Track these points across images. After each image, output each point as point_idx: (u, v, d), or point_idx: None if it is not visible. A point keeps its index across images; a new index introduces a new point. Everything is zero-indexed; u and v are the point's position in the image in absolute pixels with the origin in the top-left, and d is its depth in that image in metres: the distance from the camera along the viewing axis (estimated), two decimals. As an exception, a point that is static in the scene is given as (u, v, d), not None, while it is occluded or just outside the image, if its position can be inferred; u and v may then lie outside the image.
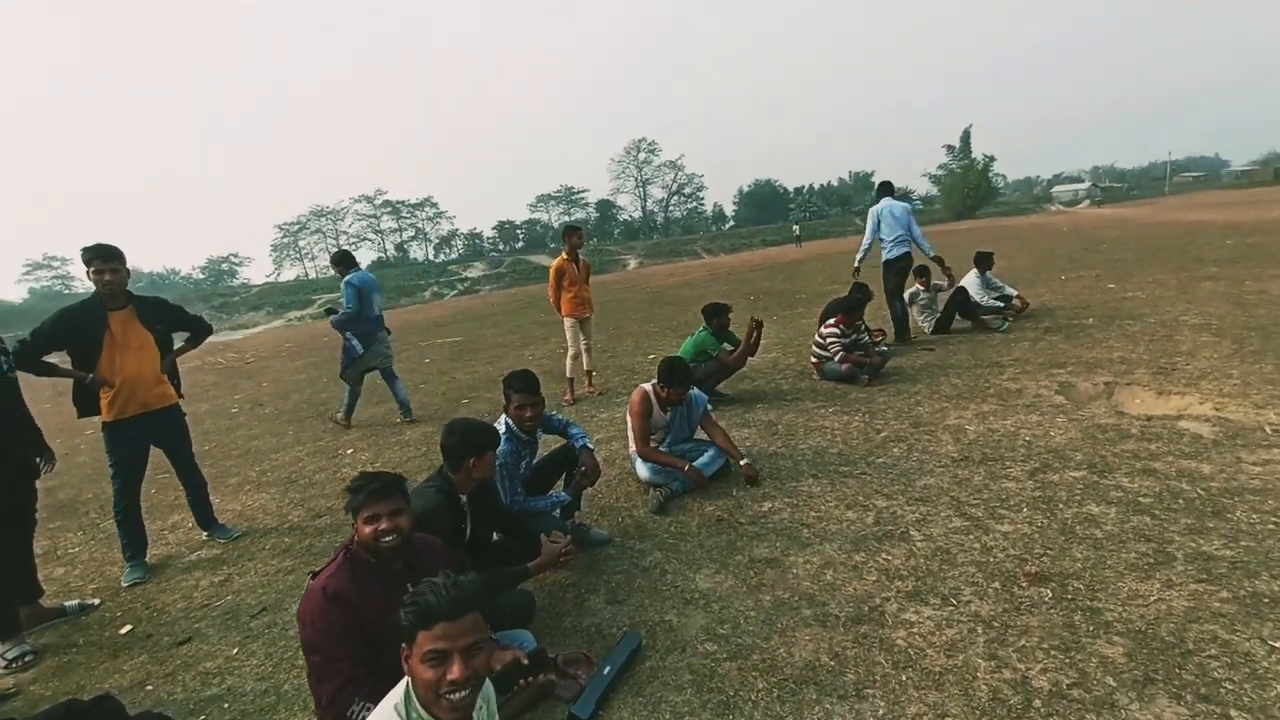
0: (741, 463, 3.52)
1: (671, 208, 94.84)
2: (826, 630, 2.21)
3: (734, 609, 2.40)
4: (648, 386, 3.56)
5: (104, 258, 3.20)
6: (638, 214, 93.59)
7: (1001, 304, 7.21)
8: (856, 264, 6.99)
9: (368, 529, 1.72)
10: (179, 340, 3.76)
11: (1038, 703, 1.77)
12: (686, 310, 12.15)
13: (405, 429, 6.01)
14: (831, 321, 5.50)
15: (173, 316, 3.66)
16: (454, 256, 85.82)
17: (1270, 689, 1.72)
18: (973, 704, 1.80)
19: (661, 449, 3.63)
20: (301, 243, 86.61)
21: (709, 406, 3.83)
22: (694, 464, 3.48)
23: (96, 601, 3.16)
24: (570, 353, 6.24)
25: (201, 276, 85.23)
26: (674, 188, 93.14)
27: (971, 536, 2.69)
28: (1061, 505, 2.86)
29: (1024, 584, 2.32)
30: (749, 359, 5.15)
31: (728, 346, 5.29)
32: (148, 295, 3.56)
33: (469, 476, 2.24)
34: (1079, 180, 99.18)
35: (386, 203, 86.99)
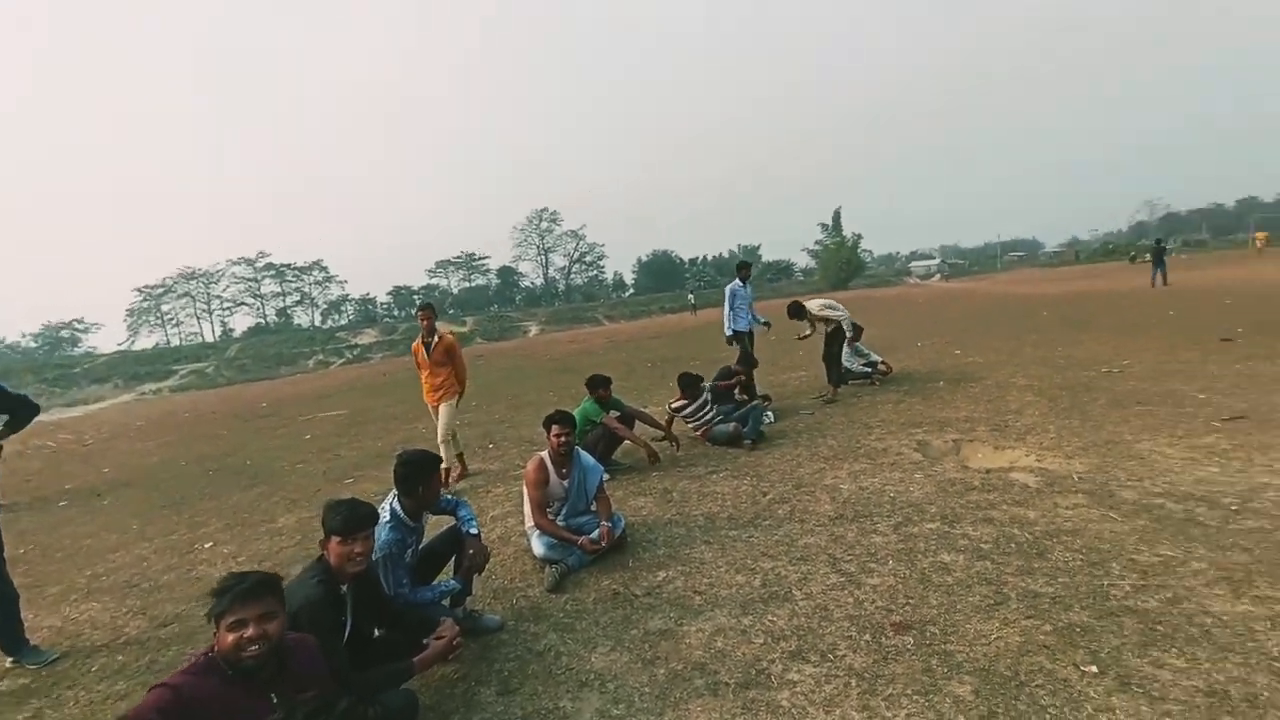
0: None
1: (573, 275, 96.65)
2: (717, 699, 2.27)
3: (628, 686, 2.40)
4: (543, 454, 3.58)
5: None
6: (540, 281, 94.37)
7: (869, 369, 7.99)
8: (728, 334, 7.59)
9: (230, 637, 1.59)
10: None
11: (902, 748, 1.92)
12: (581, 378, 12.27)
13: (278, 515, 5.49)
14: (683, 398, 5.92)
15: None
16: (344, 322, 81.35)
17: (1083, 709, 1.99)
18: (847, 757, 1.91)
19: (559, 520, 3.61)
20: (165, 307, 78.63)
21: (604, 477, 3.90)
22: (590, 536, 3.49)
23: None
24: (439, 437, 5.73)
25: (34, 345, 74.19)
26: (575, 256, 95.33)
27: (845, 591, 2.90)
28: (920, 555, 3.17)
29: (890, 634, 2.53)
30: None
31: (614, 414, 5.41)
32: None
33: (351, 554, 2.11)
34: (931, 257, 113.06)
35: (270, 265, 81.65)
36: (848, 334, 7.28)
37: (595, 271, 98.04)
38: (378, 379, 23.19)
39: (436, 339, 5.74)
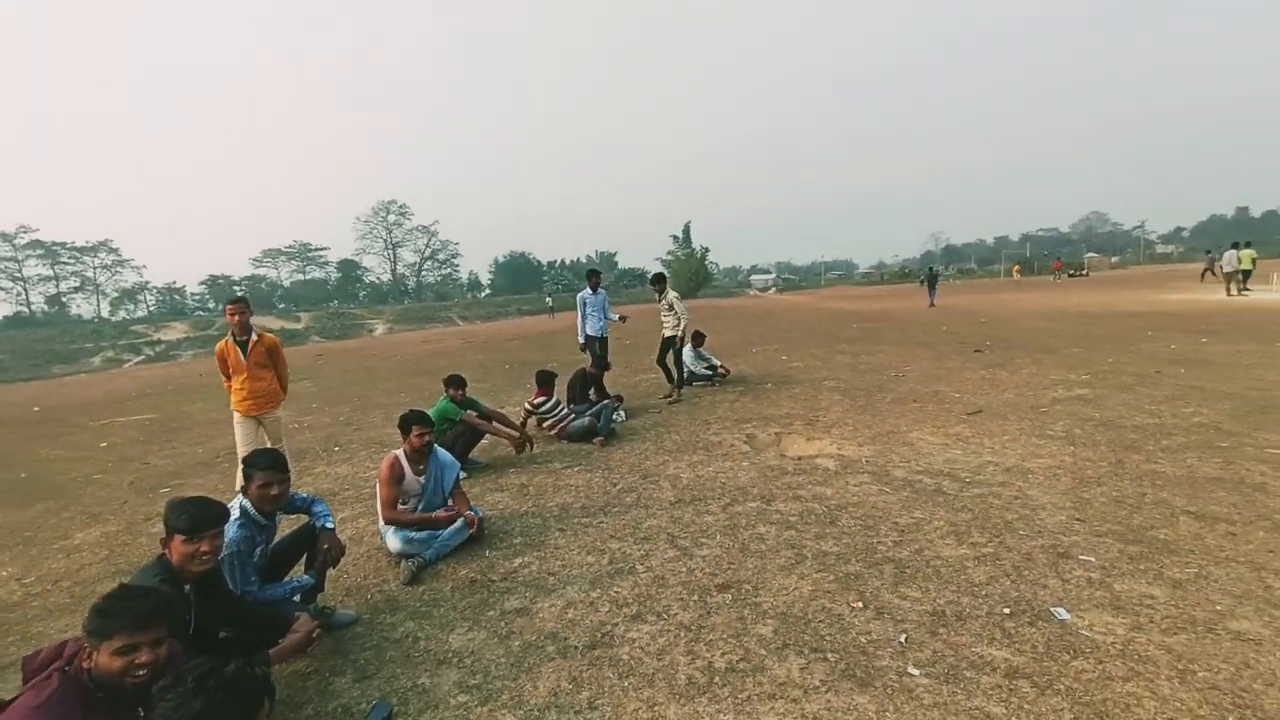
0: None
1: (425, 273, 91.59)
2: (567, 660, 2.56)
3: (485, 659, 2.61)
4: (398, 452, 3.63)
5: None
6: (387, 277, 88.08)
7: (709, 372, 8.81)
8: (581, 340, 7.98)
9: (117, 662, 1.53)
10: None
11: (717, 679, 2.36)
12: (436, 380, 11.94)
13: (74, 532, 4.80)
14: (541, 395, 6.29)
15: None
16: (141, 314, 69.28)
17: (849, 634, 2.58)
18: (674, 691, 2.31)
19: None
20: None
21: (461, 474, 4.02)
22: (447, 532, 3.61)
23: None
24: (241, 458, 4.48)
25: None
26: (427, 253, 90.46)
27: (680, 563, 3.35)
28: (741, 529, 3.73)
29: (714, 593, 3.01)
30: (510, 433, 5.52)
31: (471, 413, 5.51)
32: None
33: (196, 553, 2.08)
34: (768, 271, 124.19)
35: (37, 243, 66.93)
36: (680, 336, 7.84)
37: (449, 270, 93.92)
38: (191, 379, 20.28)
39: (254, 338, 4.93)
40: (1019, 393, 7.00)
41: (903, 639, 2.52)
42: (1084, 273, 52.67)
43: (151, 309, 73.44)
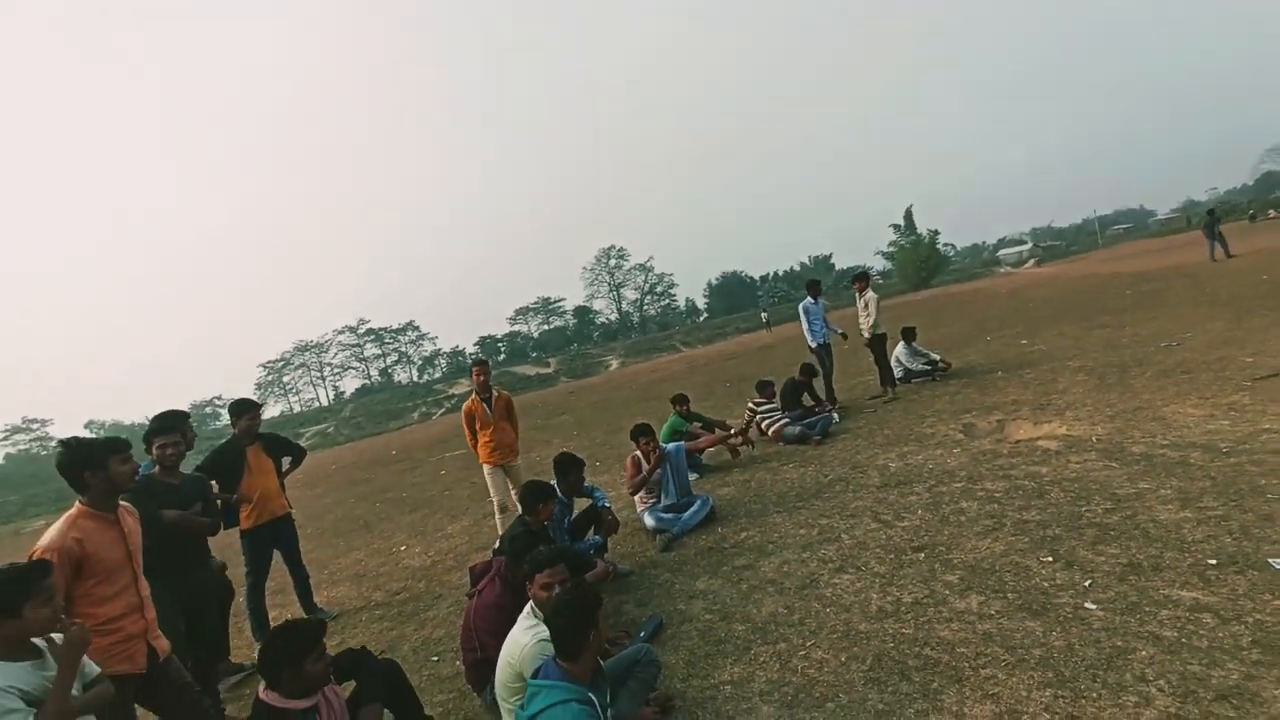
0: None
1: (646, 307, 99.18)
2: (783, 596, 3.36)
3: (722, 596, 3.54)
4: (635, 453, 4.88)
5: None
6: (614, 316, 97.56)
7: (929, 367, 8.67)
8: (812, 346, 8.38)
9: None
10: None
11: (903, 608, 2.94)
12: (664, 403, 13.52)
13: (446, 525, 7.06)
14: (761, 398, 7.03)
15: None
16: (438, 376, 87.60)
17: (1031, 580, 2.91)
18: (866, 614, 2.95)
19: (661, 505, 4.82)
20: (286, 378, 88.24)
21: (694, 476, 5.14)
22: (688, 513, 4.68)
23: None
24: (495, 501, 5.34)
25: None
26: (646, 288, 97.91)
27: (880, 532, 3.89)
28: (944, 504, 4.09)
29: (909, 553, 3.51)
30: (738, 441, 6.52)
31: (697, 424, 6.57)
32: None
33: (539, 517, 3.44)
34: (1022, 242, 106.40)
35: (370, 331, 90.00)
36: (865, 336, 7.95)
37: (667, 300, 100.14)
38: (483, 422, 25.54)
39: (495, 394, 5.44)
40: (1343, 347, 5.71)
41: (1086, 584, 2.78)
42: None
43: (444, 370, 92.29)
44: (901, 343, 8.81)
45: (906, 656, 2.57)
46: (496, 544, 4.24)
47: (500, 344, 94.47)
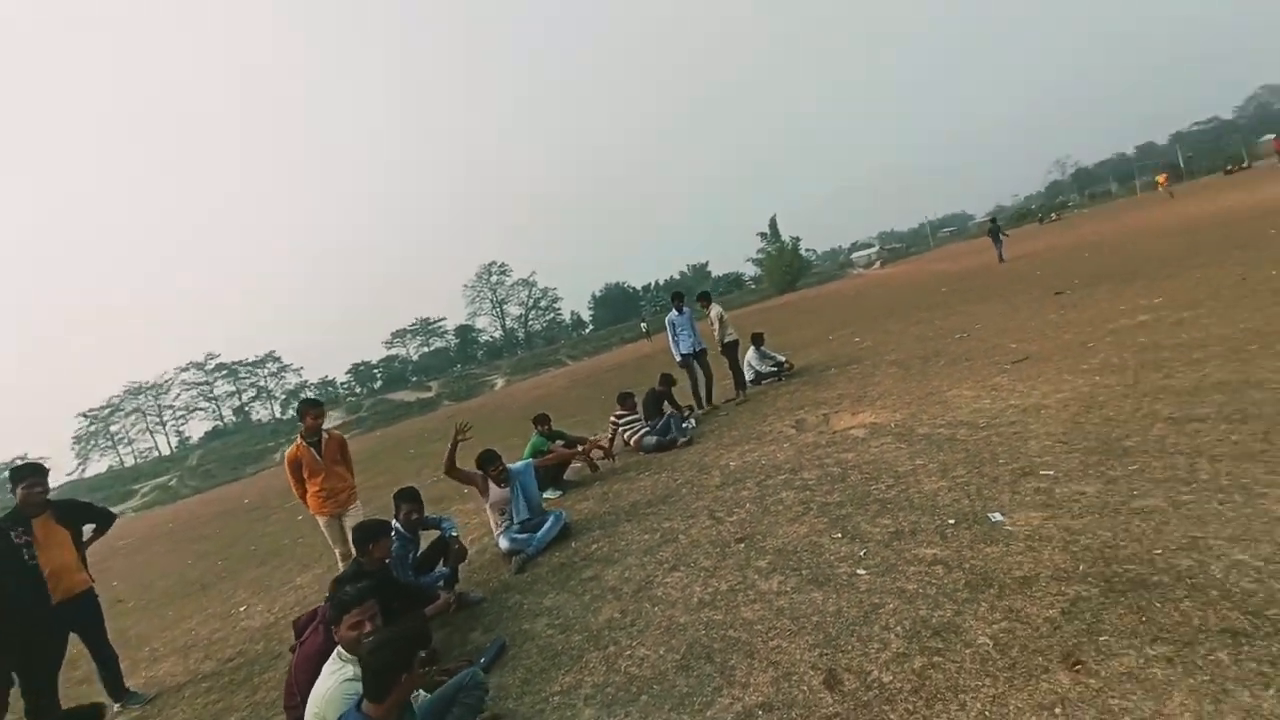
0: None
1: (531, 322, 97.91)
2: (620, 601, 3.58)
3: (566, 609, 3.69)
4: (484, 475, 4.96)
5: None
6: (499, 334, 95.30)
7: (775, 369, 9.49)
8: (678, 360, 8.66)
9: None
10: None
11: (719, 597, 3.26)
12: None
13: (295, 577, 6.61)
14: (622, 410, 7.33)
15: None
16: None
17: (823, 556, 3.37)
18: (688, 607, 3.24)
19: (514, 524, 4.90)
20: (114, 427, 76.56)
21: (557, 493, 5.27)
22: (541, 531, 4.79)
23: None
24: (338, 554, 5.01)
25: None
26: (530, 303, 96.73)
27: (713, 529, 4.25)
28: (768, 496, 4.55)
29: (733, 545, 3.89)
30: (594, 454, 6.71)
31: (559, 443, 6.72)
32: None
33: (372, 557, 3.39)
34: (870, 245, 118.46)
35: (221, 365, 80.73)
36: (721, 343, 8.53)
37: (552, 314, 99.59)
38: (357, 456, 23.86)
39: (326, 436, 4.98)
40: (1078, 331, 7.05)
41: (862, 553, 3.27)
42: (1244, 166, 45.38)
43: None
44: (752, 348, 9.55)
45: (714, 640, 2.87)
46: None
47: (376, 370, 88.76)
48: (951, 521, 3.32)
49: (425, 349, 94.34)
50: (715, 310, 8.58)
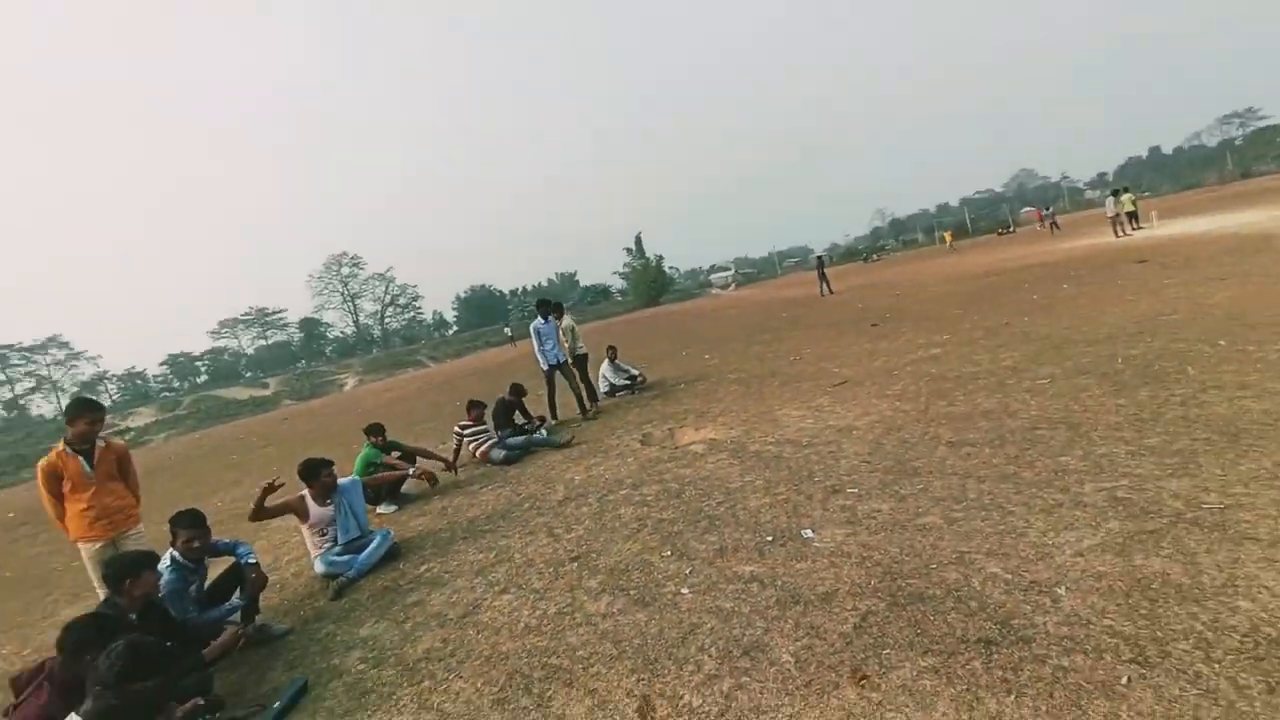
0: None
1: (388, 320, 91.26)
2: (443, 628, 3.38)
3: (383, 640, 3.41)
4: (303, 493, 4.45)
5: None
6: (351, 329, 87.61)
7: (629, 382, 9.69)
8: (545, 369, 8.42)
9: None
10: None
11: (546, 621, 3.20)
12: (392, 426, 12.62)
13: (60, 610, 5.47)
14: (468, 420, 7.14)
15: None
16: (106, 404, 67.64)
17: (653, 574, 3.44)
18: (514, 633, 3.14)
19: (337, 545, 4.45)
20: None
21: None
22: (365, 553, 4.40)
23: None
24: (101, 594, 3.64)
25: None
26: (387, 300, 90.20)
27: (549, 547, 4.19)
28: (607, 513, 4.59)
29: (567, 564, 3.85)
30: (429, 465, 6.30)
31: (395, 454, 6.29)
32: None
33: (131, 596, 2.87)
34: (727, 269, 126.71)
35: (-19, 349, 65.42)
36: (571, 355, 8.54)
37: (412, 313, 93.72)
38: (159, 463, 20.48)
39: (104, 445, 4.14)
40: (886, 360, 8.01)
41: (688, 571, 3.40)
42: (1010, 230, 55.53)
43: (115, 398, 71.94)
44: (606, 360, 9.67)
45: (534, 669, 2.81)
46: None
47: (200, 362, 77.34)
48: (770, 538, 3.57)
49: (262, 342, 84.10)
50: (567, 321, 8.58)
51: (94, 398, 4.45)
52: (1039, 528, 3.08)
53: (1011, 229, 57.52)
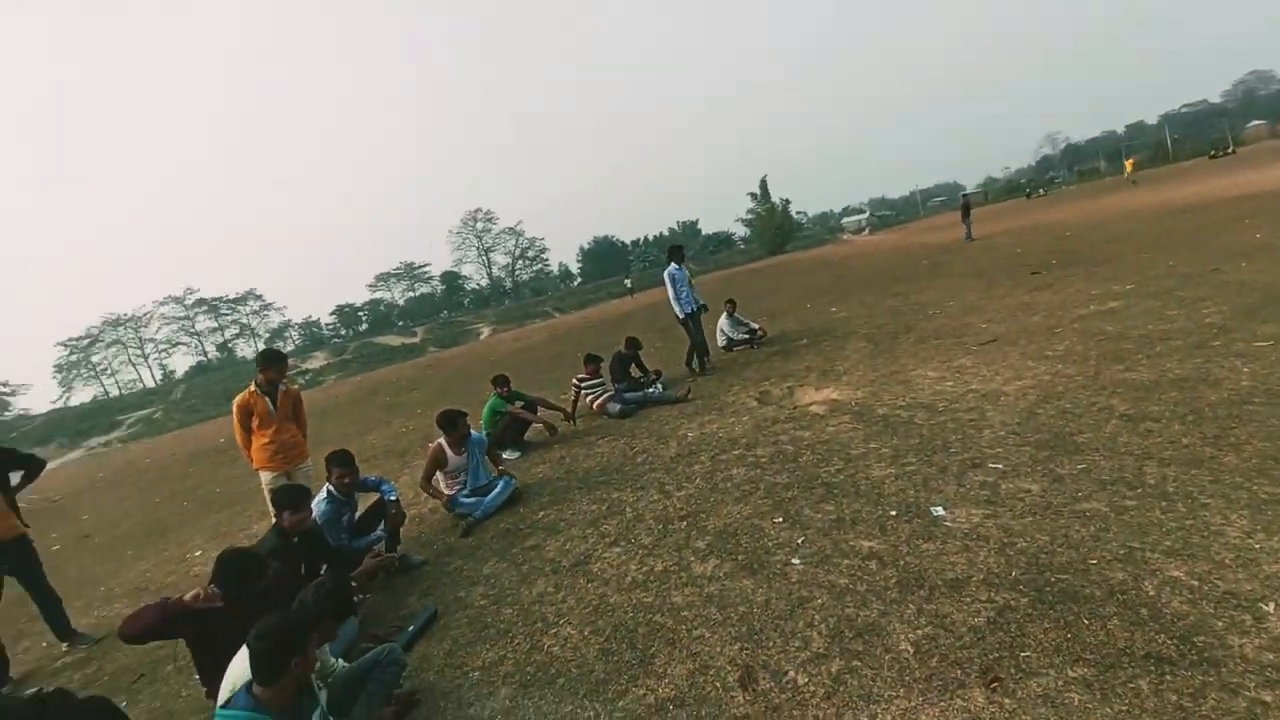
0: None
1: (518, 272, 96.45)
2: (556, 575, 3.53)
3: (502, 580, 3.64)
4: (440, 440, 4.80)
5: None
6: (485, 282, 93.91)
7: (748, 336, 9.37)
8: (680, 317, 8.13)
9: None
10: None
11: (652, 578, 3.22)
12: (520, 375, 13.43)
13: (253, 524, 6.53)
14: (584, 373, 7.28)
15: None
16: (290, 349, 79.35)
17: (761, 540, 3.32)
18: (620, 586, 3.20)
19: (465, 489, 4.81)
20: (96, 358, 75.11)
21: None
22: (490, 496, 4.72)
23: None
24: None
25: (-44, 416, 69.72)
26: (517, 253, 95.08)
27: (659, 503, 4.20)
28: (719, 472, 4.50)
29: (675, 522, 3.84)
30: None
31: (518, 404, 6.61)
32: None
33: (291, 524, 3.29)
34: (861, 211, 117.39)
35: (200, 301, 78.94)
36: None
37: (540, 265, 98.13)
38: (330, 402, 23.65)
39: (284, 389, 4.67)
40: (1046, 315, 6.99)
41: (800, 540, 3.23)
42: (1229, 151, 45.28)
43: (297, 343, 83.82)
44: (724, 313, 9.41)
45: (639, 625, 2.83)
46: None
47: (361, 313, 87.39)
48: (894, 513, 3.28)
49: (410, 294, 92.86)
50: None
51: (279, 348, 5.13)
52: (1241, 527, 2.52)
53: (1231, 149, 46.97)
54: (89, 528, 9.27)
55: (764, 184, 69.56)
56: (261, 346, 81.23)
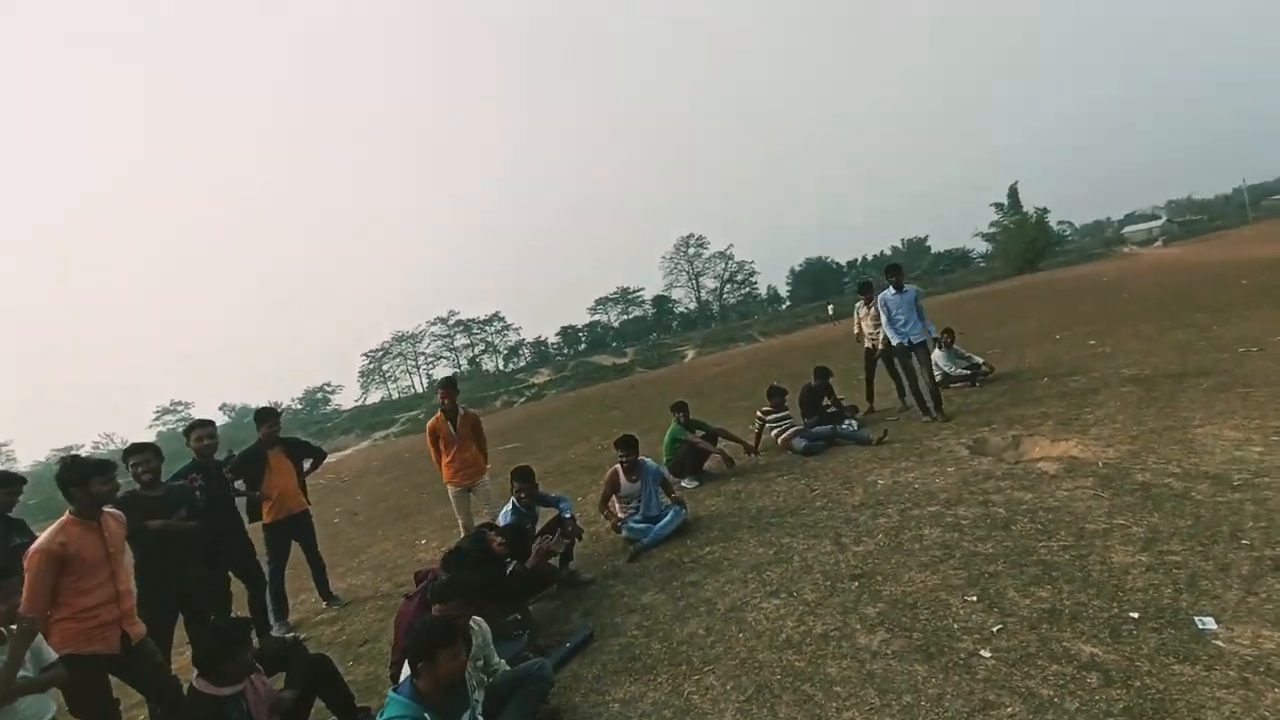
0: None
1: (725, 295, 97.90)
2: (710, 618, 3.42)
3: (658, 612, 3.65)
4: (616, 466, 5.01)
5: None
6: (693, 305, 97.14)
7: (969, 371, 8.16)
8: (895, 343, 6.86)
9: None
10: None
11: (809, 640, 2.93)
12: (712, 400, 13.54)
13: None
14: (769, 406, 6.99)
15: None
16: (521, 364, 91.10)
17: (945, 620, 2.82)
18: (772, 644, 2.98)
19: (636, 515, 4.95)
20: (385, 367, 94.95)
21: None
22: (659, 524, 4.79)
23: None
24: (461, 524, 5.58)
25: (299, 407, 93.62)
26: (725, 276, 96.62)
27: (831, 556, 3.83)
28: (906, 530, 3.95)
29: (845, 580, 3.46)
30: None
31: (699, 433, 6.60)
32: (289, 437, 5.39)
33: (492, 544, 3.74)
34: (1154, 217, 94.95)
35: (459, 322, 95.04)
36: (878, 345, 7.43)
37: (748, 289, 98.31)
38: (547, 414, 26.42)
39: (462, 412, 5.51)
40: None
41: (996, 629, 2.67)
42: None
43: (527, 359, 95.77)
44: (938, 347, 8.33)
45: (785, 690, 2.59)
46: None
47: (581, 334, 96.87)
48: (1135, 615, 2.53)
49: (625, 316, 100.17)
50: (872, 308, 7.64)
51: (447, 377, 6.45)
52: None
53: None
54: (359, 506, 11.65)
55: (1014, 191, 60.64)
56: (500, 361, 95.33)
